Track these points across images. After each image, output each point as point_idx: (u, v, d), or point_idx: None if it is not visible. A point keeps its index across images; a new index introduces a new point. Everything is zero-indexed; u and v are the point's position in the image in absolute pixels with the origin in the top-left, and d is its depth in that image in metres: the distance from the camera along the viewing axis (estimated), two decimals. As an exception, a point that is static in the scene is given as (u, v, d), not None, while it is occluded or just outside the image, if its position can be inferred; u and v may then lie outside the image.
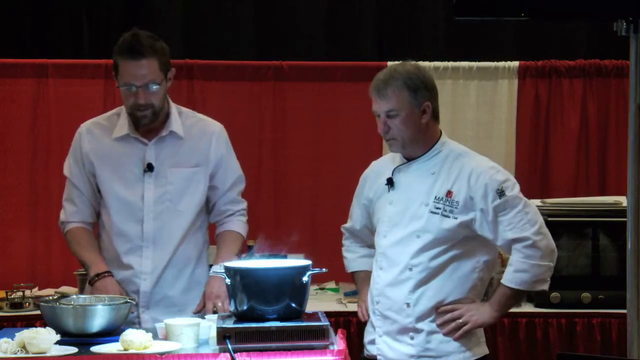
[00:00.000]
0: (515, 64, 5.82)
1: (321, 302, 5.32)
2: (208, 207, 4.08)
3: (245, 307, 3.30)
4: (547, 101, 5.84)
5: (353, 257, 4.03)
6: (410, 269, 3.66)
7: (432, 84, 3.73)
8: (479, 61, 5.81)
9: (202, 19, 5.97)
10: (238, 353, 3.13)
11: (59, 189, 5.56)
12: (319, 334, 3.22)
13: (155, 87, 3.80)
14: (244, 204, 4.12)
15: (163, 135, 3.91)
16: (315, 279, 4.38)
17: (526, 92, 5.82)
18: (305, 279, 3.34)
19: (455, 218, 3.62)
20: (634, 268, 3.46)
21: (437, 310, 3.66)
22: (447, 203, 3.63)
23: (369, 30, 6.05)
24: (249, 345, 3.17)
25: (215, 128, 4.03)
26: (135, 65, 3.78)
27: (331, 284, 5.61)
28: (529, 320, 5.08)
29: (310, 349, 3.19)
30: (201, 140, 3.97)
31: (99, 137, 3.95)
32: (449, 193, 3.65)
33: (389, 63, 5.75)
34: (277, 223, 5.66)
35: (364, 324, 3.91)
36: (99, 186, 3.94)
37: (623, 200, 4.92)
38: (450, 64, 5.77)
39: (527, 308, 5.10)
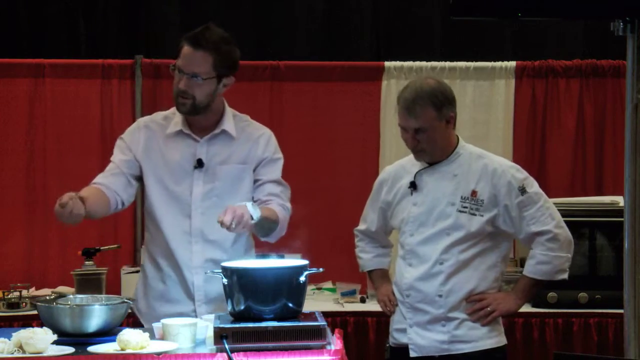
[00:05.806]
0: (512, 64, 5.82)
1: (318, 302, 5.33)
2: None
3: (242, 307, 3.30)
4: (544, 101, 5.84)
5: (369, 257, 4.26)
6: (441, 263, 3.90)
7: (453, 94, 3.97)
8: (475, 61, 5.81)
9: (199, 18, 5.95)
10: (235, 353, 3.13)
11: (56, 189, 5.57)
12: (316, 333, 3.21)
13: (199, 80, 3.83)
14: (286, 194, 4.01)
15: (215, 133, 3.94)
16: (312, 279, 4.38)
17: (523, 92, 5.83)
18: (302, 278, 3.34)
19: (482, 216, 3.89)
20: (631, 268, 3.47)
21: (467, 300, 3.91)
22: (473, 202, 3.90)
23: (366, 30, 6.05)
24: (246, 345, 3.17)
25: (266, 131, 4.05)
26: (191, 54, 3.83)
27: (328, 284, 5.61)
28: (526, 320, 5.09)
29: (308, 348, 3.18)
30: (250, 140, 3.99)
31: (155, 132, 3.97)
32: (474, 192, 3.91)
33: (386, 63, 5.78)
34: (274, 223, 5.64)
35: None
36: (146, 179, 3.93)
37: (620, 200, 4.92)
38: (447, 64, 5.77)
39: (524, 308, 5.00)
